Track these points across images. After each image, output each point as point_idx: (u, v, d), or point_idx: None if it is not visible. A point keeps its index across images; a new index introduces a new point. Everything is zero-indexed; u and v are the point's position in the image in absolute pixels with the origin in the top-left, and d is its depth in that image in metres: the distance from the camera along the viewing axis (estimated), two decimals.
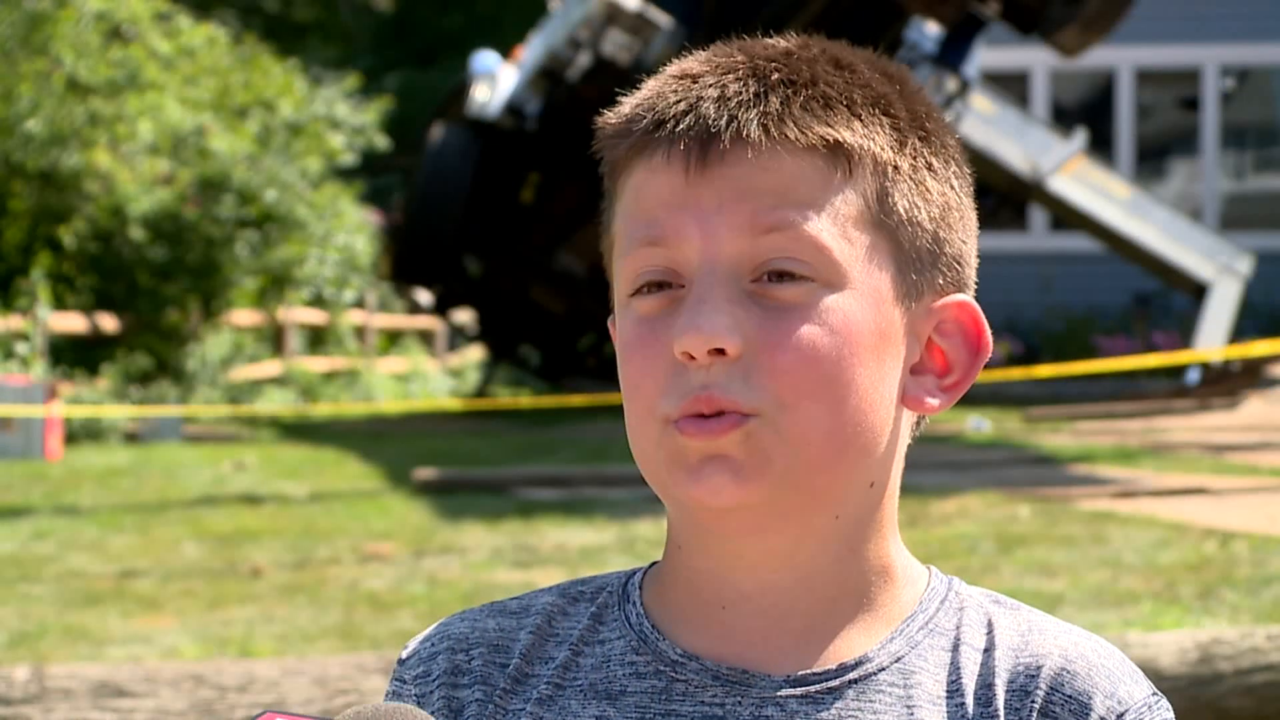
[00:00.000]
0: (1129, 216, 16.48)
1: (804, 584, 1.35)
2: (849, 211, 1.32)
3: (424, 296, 17.23)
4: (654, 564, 1.42)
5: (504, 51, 16.68)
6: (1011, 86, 19.69)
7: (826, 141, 1.32)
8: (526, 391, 18.45)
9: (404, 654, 1.43)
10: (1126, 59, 20.76)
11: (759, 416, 1.29)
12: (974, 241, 1.41)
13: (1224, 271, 16.29)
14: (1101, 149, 19.68)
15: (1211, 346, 15.43)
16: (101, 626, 6.96)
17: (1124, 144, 21.23)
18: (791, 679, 1.33)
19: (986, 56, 17.00)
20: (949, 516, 9.19)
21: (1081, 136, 16.67)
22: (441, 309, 17.87)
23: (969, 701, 1.33)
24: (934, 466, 11.12)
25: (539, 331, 17.25)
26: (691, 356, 1.29)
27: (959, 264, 1.39)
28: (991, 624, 1.37)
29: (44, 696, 4.08)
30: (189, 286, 17.41)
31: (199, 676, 4.19)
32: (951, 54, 14.44)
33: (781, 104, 1.32)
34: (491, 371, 19.51)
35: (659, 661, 1.36)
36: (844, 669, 1.33)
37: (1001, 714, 1.33)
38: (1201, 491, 10.14)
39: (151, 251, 17.25)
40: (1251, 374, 16.18)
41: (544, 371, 17.80)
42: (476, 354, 22.12)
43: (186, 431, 15.42)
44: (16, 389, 13.29)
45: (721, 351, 1.29)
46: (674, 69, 1.38)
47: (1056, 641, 1.35)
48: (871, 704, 1.33)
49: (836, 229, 1.31)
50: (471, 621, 1.42)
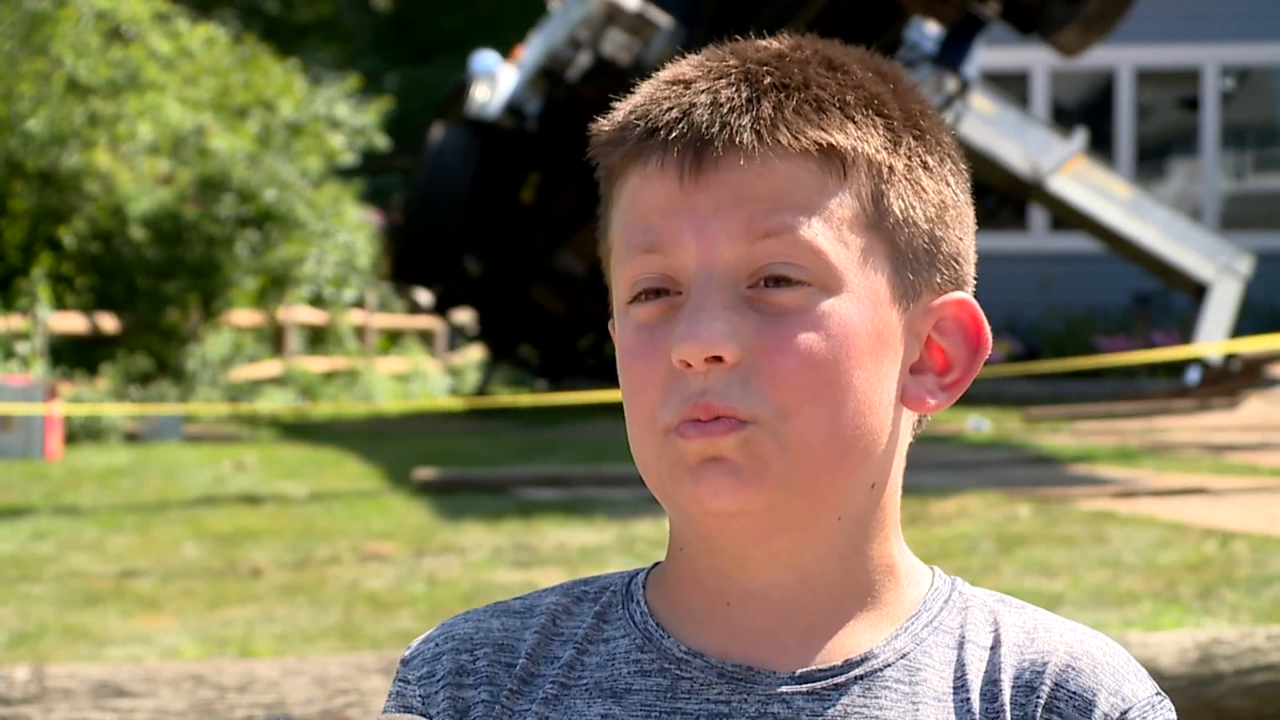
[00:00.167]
0: (1129, 216, 16.46)
1: (808, 583, 1.35)
2: (844, 214, 1.32)
3: (424, 296, 17.22)
4: (657, 564, 1.43)
5: (504, 51, 16.67)
6: (1011, 86, 19.68)
7: (820, 145, 1.32)
8: (526, 391, 18.44)
9: (407, 654, 1.42)
10: (1126, 59, 20.76)
11: (756, 424, 1.29)
12: (971, 238, 1.41)
13: (1224, 271, 16.28)
14: (1101, 149, 19.67)
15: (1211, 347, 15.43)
16: (101, 626, 6.95)
17: (1124, 144, 21.22)
18: (796, 676, 1.34)
19: (986, 56, 16.99)
20: (949, 516, 9.19)
21: (1081, 136, 16.66)
22: (441, 309, 17.86)
23: (975, 698, 1.34)
24: (934, 466, 11.12)
25: (539, 331, 17.24)
26: (689, 364, 1.30)
27: (957, 262, 1.39)
28: (997, 622, 1.37)
29: (44, 696, 4.08)
30: (189, 286, 17.40)
31: (199, 676, 4.19)
32: (951, 54, 14.44)
33: (774, 109, 1.32)
34: (491, 371, 19.50)
35: (664, 659, 1.36)
36: (849, 665, 1.34)
37: (1007, 710, 1.33)
38: (1201, 491, 10.13)
39: (151, 251, 17.23)
40: (1251, 374, 16.16)
41: (544, 371, 17.79)
42: (476, 354, 22.12)
43: (186, 431, 15.42)
44: (16, 389, 13.28)
45: (719, 359, 1.29)
46: (667, 74, 1.38)
47: (1062, 639, 1.36)
48: (877, 700, 1.33)
49: (832, 232, 1.32)
50: (476, 622, 1.42)
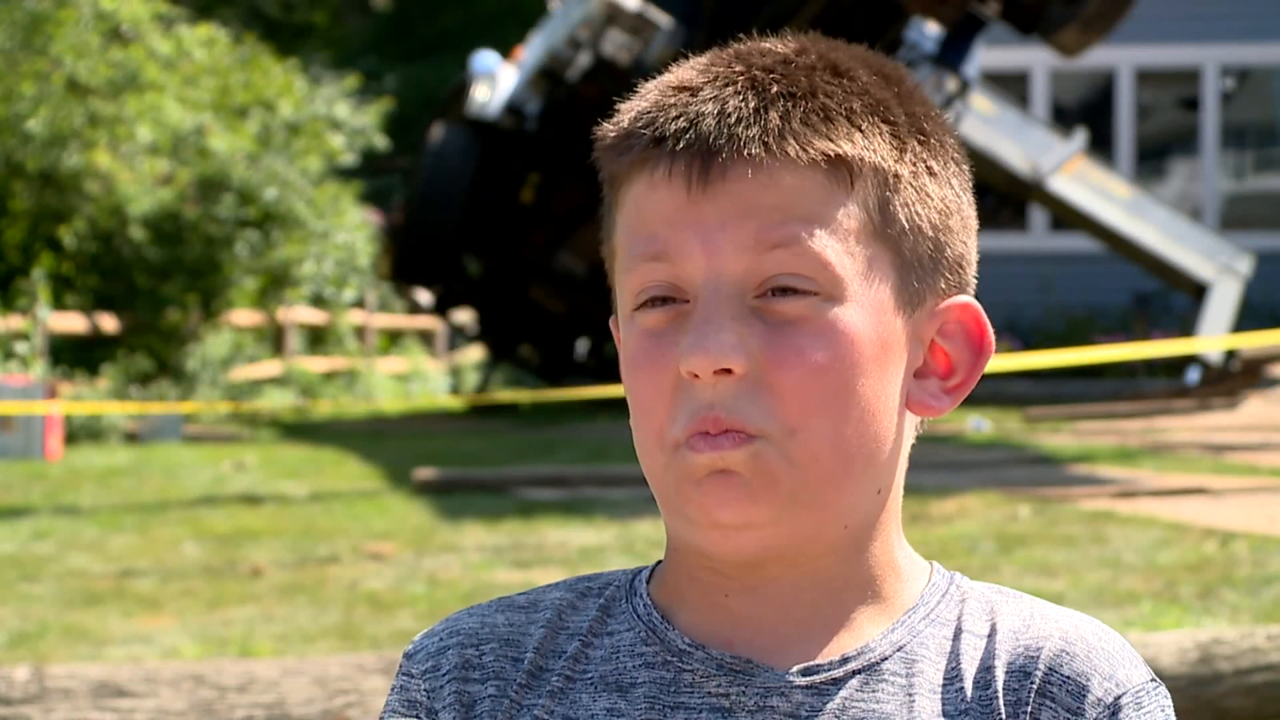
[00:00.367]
0: (1129, 216, 16.46)
1: (809, 579, 1.36)
2: (851, 224, 1.32)
3: (424, 296, 17.23)
4: (659, 563, 1.43)
5: (504, 51, 16.67)
6: (1011, 86, 19.68)
7: (828, 156, 1.32)
8: (526, 391, 18.44)
9: (410, 649, 1.42)
10: (1126, 59, 20.76)
11: (765, 439, 1.30)
12: (974, 240, 1.41)
13: (1224, 271, 16.28)
14: (1101, 149, 19.67)
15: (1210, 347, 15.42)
16: (101, 626, 6.95)
17: (1124, 144, 21.22)
18: (796, 670, 1.34)
19: (986, 56, 17.00)
20: (949, 516, 9.18)
21: (1081, 136, 16.66)
22: (441, 309, 17.86)
23: (967, 685, 1.34)
24: (934, 466, 11.11)
25: (539, 331, 17.24)
26: (697, 375, 1.30)
27: (960, 266, 1.39)
28: (994, 611, 1.38)
29: (44, 696, 4.08)
30: (189, 286, 17.40)
31: (199, 676, 4.19)
32: (951, 54, 14.44)
33: (781, 119, 1.32)
34: (491, 371, 19.50)
35: (667, 652, 1.36)
36: (847, 659, 1.34)
37: (1000, 696, 1.34)
38: (1201, 491, 10.13)
39: (151, 251, 17.24)
40: (1251, 374, 16.16)
41: (544, 371, 17.79)
42: (476, 354, 22.12)
43: (186, 431, 15.42)
44: (16, 389, 13.28)
45: (728, 371, 1.30)
46: (671, 79, 1.37)
47: (1058, 625, 1.37)
48: (875, 694, 1.34)
49: (839, 243, 1.32)
50: (480, 617, 1.42)
